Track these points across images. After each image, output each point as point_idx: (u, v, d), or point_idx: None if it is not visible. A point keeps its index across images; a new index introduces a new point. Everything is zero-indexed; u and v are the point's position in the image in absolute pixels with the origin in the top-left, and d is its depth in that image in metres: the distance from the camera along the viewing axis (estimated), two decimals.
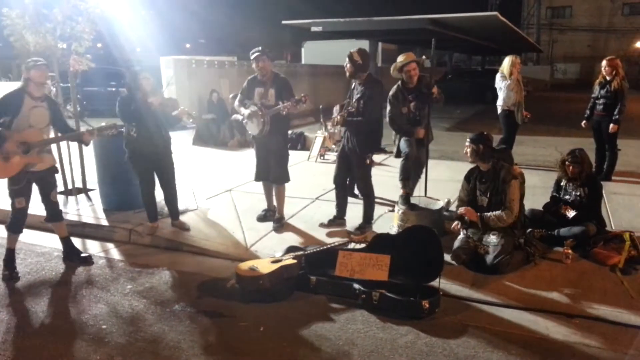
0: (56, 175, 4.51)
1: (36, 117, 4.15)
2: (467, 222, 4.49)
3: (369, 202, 5.26)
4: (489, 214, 4.35)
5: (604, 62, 7.06)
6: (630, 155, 8.83)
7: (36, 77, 4.12)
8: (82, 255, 4.60)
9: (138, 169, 5.08)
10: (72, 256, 4.58)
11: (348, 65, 4.88)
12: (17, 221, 4.29)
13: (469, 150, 4.45)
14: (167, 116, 5.02)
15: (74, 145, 6.41)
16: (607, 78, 6.97)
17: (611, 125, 6.95)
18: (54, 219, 4.54)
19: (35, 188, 4.37)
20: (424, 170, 5.78)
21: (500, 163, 4.46)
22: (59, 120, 4.41)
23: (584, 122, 7.44)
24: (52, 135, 4.48)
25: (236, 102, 5.33)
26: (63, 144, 6.25)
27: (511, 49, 20.37)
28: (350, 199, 5.56)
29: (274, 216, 5.48)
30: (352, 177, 5.44)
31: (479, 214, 4.40)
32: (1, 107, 4.08)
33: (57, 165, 4.61)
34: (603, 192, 5.16)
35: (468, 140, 4.47)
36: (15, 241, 4.38)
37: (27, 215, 4.36)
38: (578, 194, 4.86)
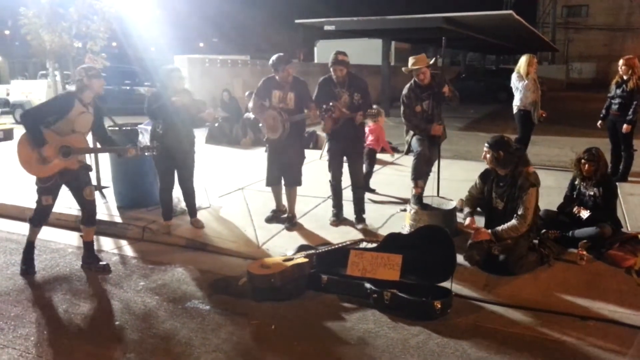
0: (90, 172, 4.48)
1: (81, 122, 4.18)
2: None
3: (363, 192, 5.50)
4: (501, 228, 4.25)
5: (621, 61, 6.97)
6: None
7: (96, 86, 4.19)
8: (100, 263, 4.50)
9: (160, 166, 5.09)
10: (90, 262, 4.51)
11: (344, 70, 4.99)
12: (40, 216, 4.31)
13: (488, 156, 4.34)
14: (192, 116, 5.03)
15: (88, 141, 6.46)
16: (624, 77, 6.88)
17: (624, 126, 6.86)
18: (87, 222, 4.44)
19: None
20: (437, 169, 5.74)
21: (518, 169, 4.36)
22: (100, 127, 4.43)
23: (599, 122, 7.35)
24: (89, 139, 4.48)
25: (251, 104, 5.29)
26: None
27: (526, 48, 20.21)
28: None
29: (282, 217, 5.48)
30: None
31: (490, 230, 4.30)
32: (51, 106, 4.14)
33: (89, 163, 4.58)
34: (619, 192, 5.08)
35: (487, 145, 4.35)
36: (35, 235, 4.41)
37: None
38: (592, 193, 4.79)
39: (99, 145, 4.74)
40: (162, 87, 4.99)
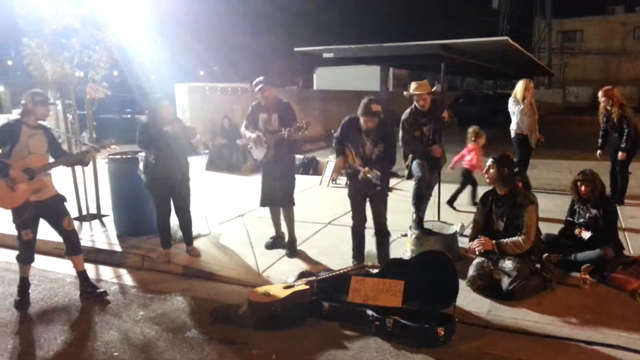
0: (65, 203, 4.44)
1: (35, 144, 4.19)
2: (481, 252, 4.39)
3: (388, 239, 4.84)
4: (505, 240, 4.26)
5: (600, 93, 7.09)
6: None
7: (42, 113, 4.23)
8: (98, 290, 4.46)
9: (155, 195, 5.11)
10: (87, 292, 4.46)
11: (375, 120, 4.38)
12: (26, 252, 4.29)
13: (492, 171, 4.35)
14: (182, 145, 5.06)
15: (89, 171, 6.48)
16: (608, 108, 7.00)
17: (619, 153, 6.93)
18: (72, 251, 4.42)
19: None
20: (437, 194, 5.74)
21: (517, 188, 4.39)
22: (56, 147, 4.41)
23: (598, 152, 7.40)
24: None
25: (242, 128, 5.40)
26: (78, 171, 6.32)
27: (522, 73, 20.40)
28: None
29: (282, 243, 5.45)
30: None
31: (494, 241, 4.31)
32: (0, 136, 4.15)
33: (62, 193, 4.47)
34: (620, 215, 5.07)
35: (492, 160, 4.37)
36: (26, 271, 4.39)
37: (37, 243, 4.34)
38: (592, 215, 4.78)
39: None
40: (151, 117, 5.03)
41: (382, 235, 4.73)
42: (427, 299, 3.93)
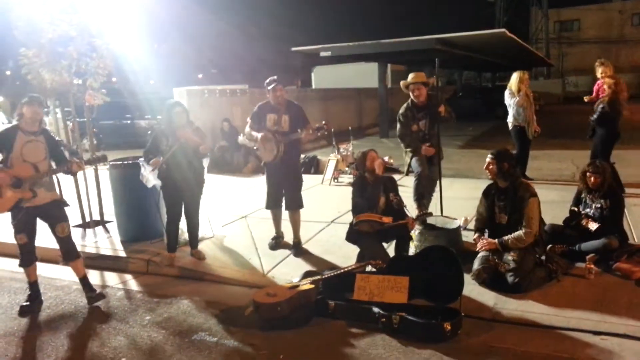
0: (66, 208, 4.43)
1: (30, 151, 4.17)
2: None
3: None
4: (507, 237, 4.27)
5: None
6: None
7: (27, 114, 4.19)
8: (97, 293, 4.47)
9: (167, 199, 5.12)
10: (88, 296, 4.46)
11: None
12: (23, 256, 4.31)
13: (491, 167, 4.37)
14: (195, 150, 5.02)
15: (91, 178, 6.49)
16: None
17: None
18: (66, 257, 4.44)
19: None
20: (438, 188, 5.74)
21: (518, 180, 4.39)
22: (57, 153, 4.38)
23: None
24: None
25: (247, 128, 5.33)
26: (80, 178, 6.32)
27: (521, 65, 20.38)
28: None
29: (284, 242, 5.44)
30: None
31: (497, 240, 4.31)
32: None
33: (64, 198, 4.46)
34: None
35: (491, 156, 4.39)
36: (33, 274, 4.40)
37: (42, 250, 4.35)
38: (599, 206, 4.76)
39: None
40: (166, 122, 5.04)
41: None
42: (432, 294, 3.94)
